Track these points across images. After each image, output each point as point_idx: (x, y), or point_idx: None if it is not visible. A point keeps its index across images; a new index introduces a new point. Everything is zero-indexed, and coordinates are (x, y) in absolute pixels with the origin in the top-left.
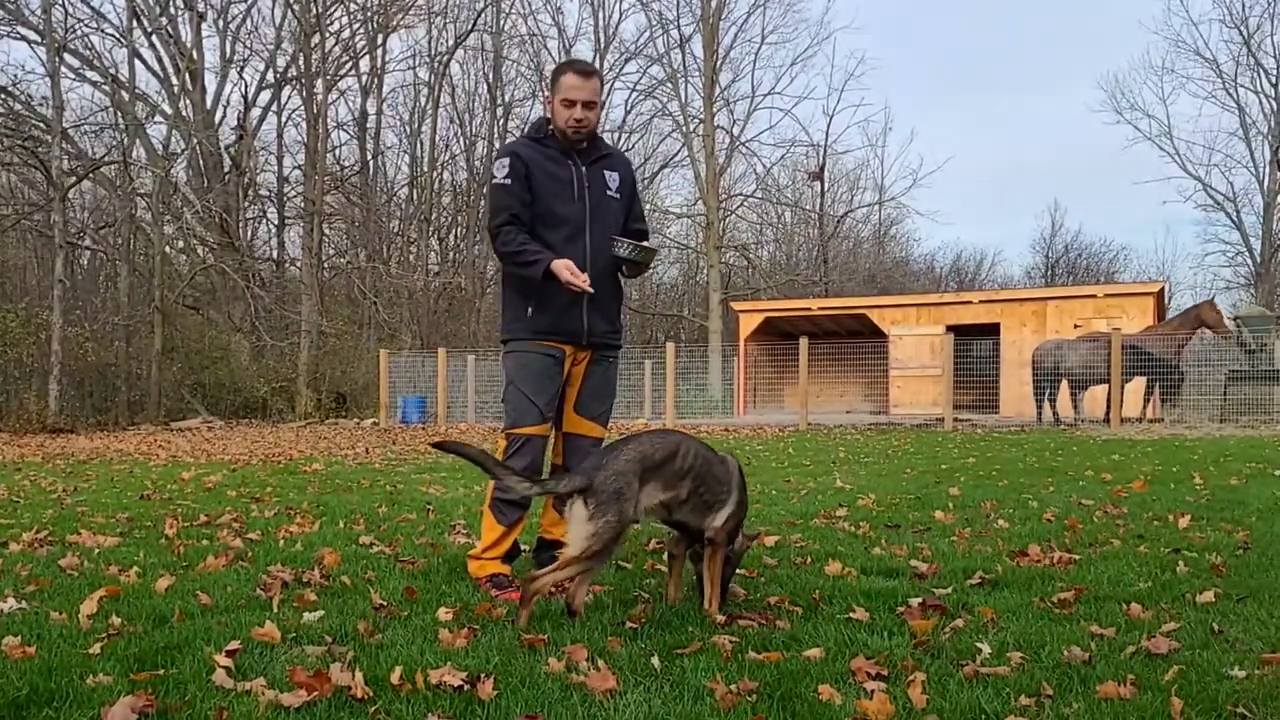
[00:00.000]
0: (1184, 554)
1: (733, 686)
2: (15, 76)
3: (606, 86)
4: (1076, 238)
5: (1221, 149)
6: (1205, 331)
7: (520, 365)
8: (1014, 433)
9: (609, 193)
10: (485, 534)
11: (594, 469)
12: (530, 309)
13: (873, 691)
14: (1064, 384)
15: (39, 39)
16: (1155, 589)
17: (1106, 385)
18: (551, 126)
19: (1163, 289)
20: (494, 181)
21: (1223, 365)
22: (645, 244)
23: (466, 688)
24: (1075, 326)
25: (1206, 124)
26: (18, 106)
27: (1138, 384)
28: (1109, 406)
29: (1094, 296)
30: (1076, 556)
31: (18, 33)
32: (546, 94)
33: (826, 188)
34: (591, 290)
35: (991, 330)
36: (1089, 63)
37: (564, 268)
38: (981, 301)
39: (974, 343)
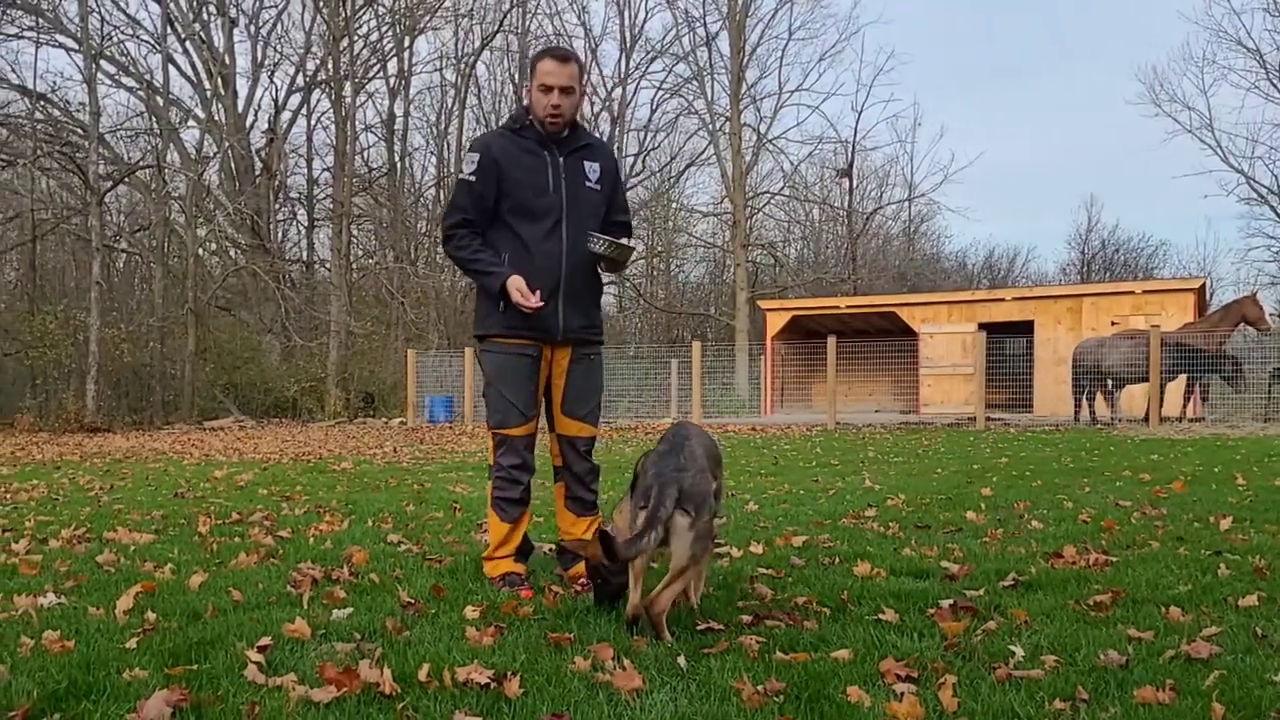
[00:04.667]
0: (1225, 556)
1: (759, 687)
2: (54, 83)
3: (632, 85)
4: (1113, 233)
5: (1265, 141)
6: (1247, 328)
7: (499, 367)
8: (1048, 432)
9: (588, 184)
10: (492, 534)
11: (677, 473)
12: (503, 304)
13: (902, 694)
14: (1106, 382)
15: (76, 46)
16: (1195, 592)
17: (1146, 384)
18: (530, 116)
19: (1203, 285)
20: (460, 176)
21: (1266, 363)
22: (623, 241)
23: (493, 685)
24: (1112, 324)
25: (1249, 115)
26: (56, 113)
27: (1178, 382)
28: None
29: (1132, 293)
30: (1113, 558)
31: (56, 41)
32: (527, 83)
33: (855, 185)
34: (543, 305)
35: (1025, 328)
36: (1126, 55)
37: (515, 289)
38: (1015, 299)
39: (1007, 341)
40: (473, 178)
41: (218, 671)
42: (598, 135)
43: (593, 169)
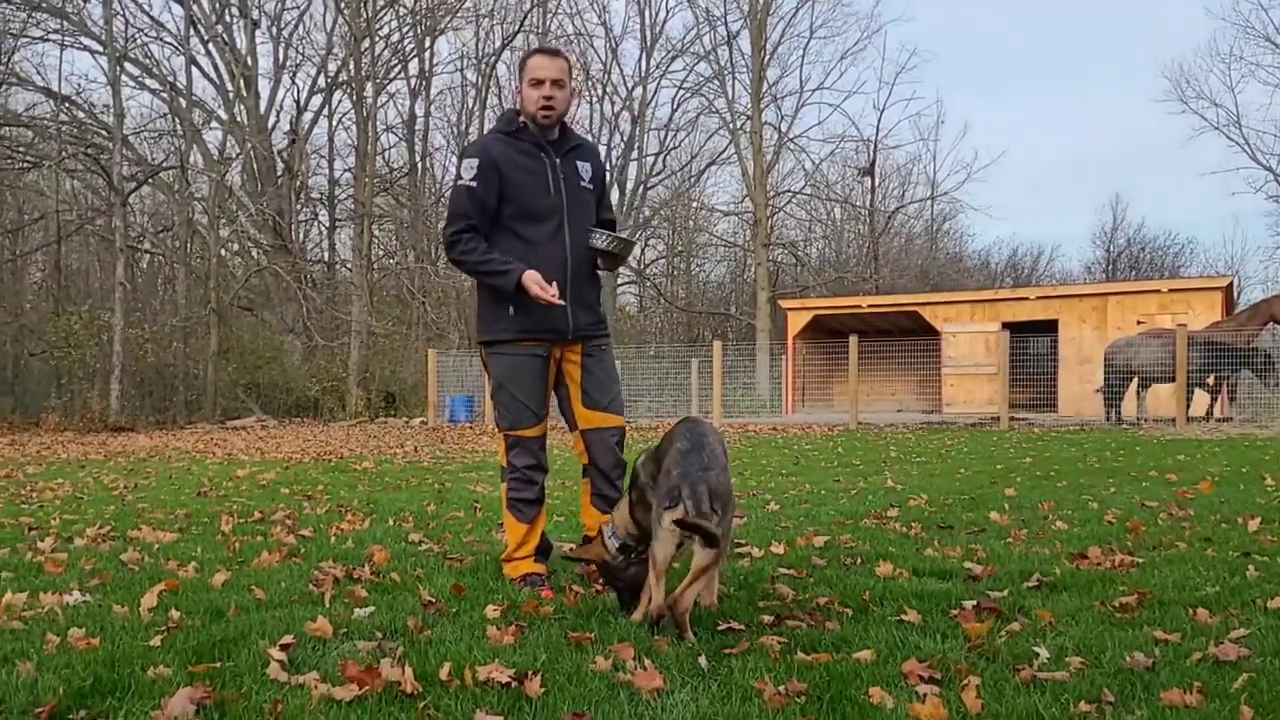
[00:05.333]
0: (1254, 557)
1: (781, 688)
2: (79, 86)
3: (653, 84)
4: (1139, 231)
5: None
6: (1276, 327)
7: (509, 369)
8: (1073, 432)
9: (582, 184)
10: (510, 535)
11: (703, 471)
12: (512, 308)
13: (925, 695)
14: (1134, 382)
15: (101, 49)
16: (1223, 593)
17: (1172, 383)
18: (522, 118)
19: (1231, 283)
20: (459, 183)
21: None
22: (622, 235)
23: (514, 684)
24: (1138, 323)
25: (1278, 112)
26: (80, 115)
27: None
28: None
29: (1158, 292)
30: (1139, 559)
31: (80, 43)
32: (518, 84)
33: (877, 183)
34: (563, 303)
35: (1049, 327)
36: (1151, 51)
37: (533, 282)
38: (1039, 298)
39: (1031, 340)
40: (474, 183)
41: (241, 669)
42: (593, 137)
43: (585, 169)
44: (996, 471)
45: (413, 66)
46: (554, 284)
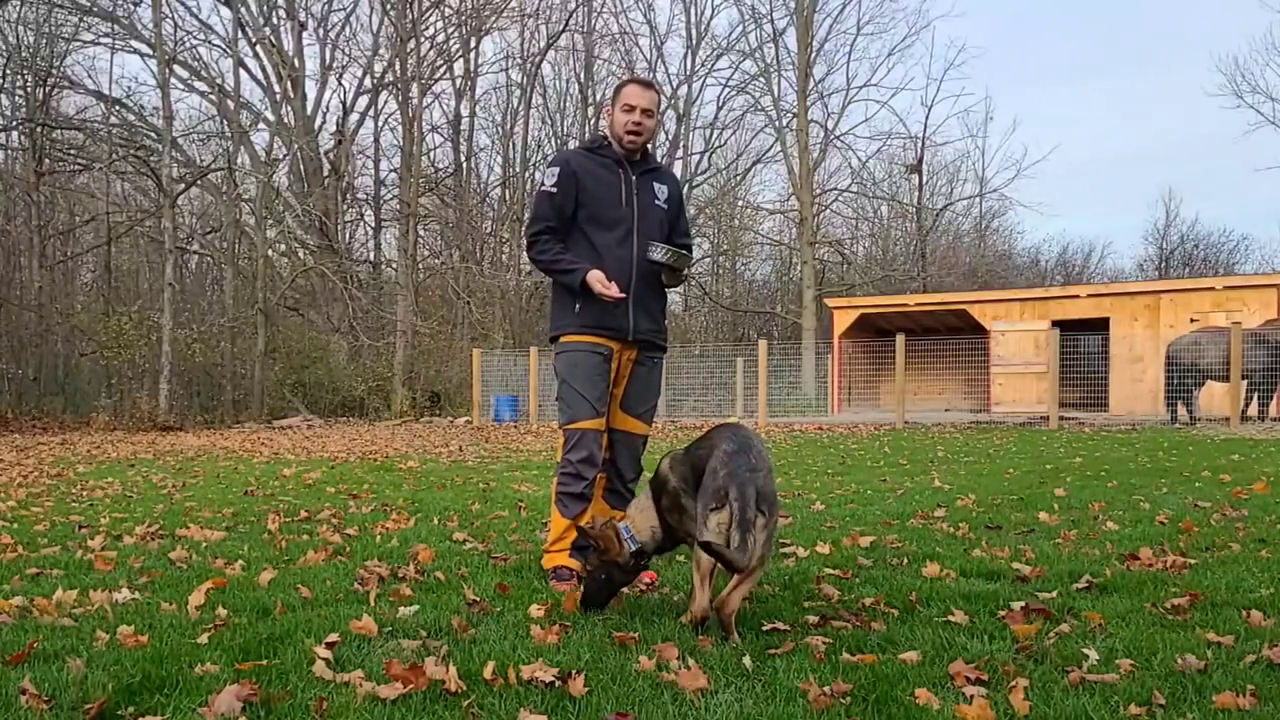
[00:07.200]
0: None
1: (826, 688)
2: (128, 89)
3: (698, 82)
4: (1193, 228)
5: None
6: None
7: (571, 364)
8: (1124, 432)
9: (656, 202)
10: (552, 528)
11: (750, 473)
12: (578, 305)
13: (972, 696)
14: (1197, 381)
15: (150, 52)
16: (1278, 595)
17: (1227, 382)
18: (607, 138)
19: None
20: (541, 188)
21: None
22: (680, 250)
23: (558, 684)
24: (1191, 320)
25: None
26: (131, 117)
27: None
28: (1246, 404)
29: (1212, 289)
30: (1192, 561)
31: (131, 47)
32: (608, 106)
33: (925, 180)
34: (623, 296)
35: (1100, 325)
36: (1204, 44)
37: (596, 280)
38: (1090, 295)
39: (1081, 338)
40: (554, 189)
41: (286, 667)
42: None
43: (661, 189)
44: (1046, 471)
45: (458, 67)
46: (614, 283)
